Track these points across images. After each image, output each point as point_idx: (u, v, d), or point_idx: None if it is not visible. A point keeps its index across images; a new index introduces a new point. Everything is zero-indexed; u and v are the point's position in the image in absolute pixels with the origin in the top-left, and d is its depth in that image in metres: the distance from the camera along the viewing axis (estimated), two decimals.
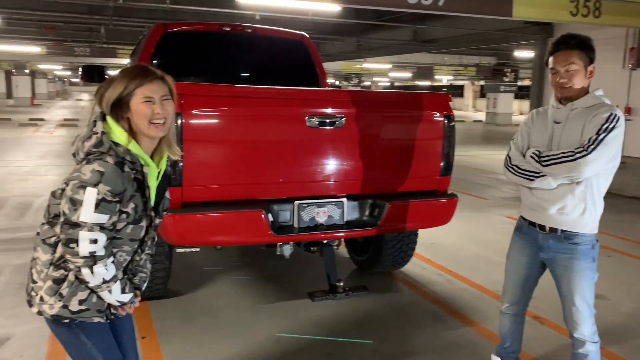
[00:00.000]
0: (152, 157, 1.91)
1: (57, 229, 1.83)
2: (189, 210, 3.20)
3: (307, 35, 5.65)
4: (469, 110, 42.20)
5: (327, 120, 3.47)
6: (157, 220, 2.03)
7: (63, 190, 1.80)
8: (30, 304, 1.91)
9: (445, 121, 3.84)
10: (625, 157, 8.11)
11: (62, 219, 1.78)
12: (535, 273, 2.78)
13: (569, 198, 2.52)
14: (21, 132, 17.54)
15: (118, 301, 1.90)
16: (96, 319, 1.91)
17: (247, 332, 3.67)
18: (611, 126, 2.42)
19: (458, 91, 43.75)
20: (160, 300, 4.08)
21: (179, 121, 3.10)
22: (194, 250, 3.61)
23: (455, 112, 3.93)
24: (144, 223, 1.91)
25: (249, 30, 5.36)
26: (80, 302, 1.85)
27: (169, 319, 3.75)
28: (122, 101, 1.80)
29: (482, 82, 35.23)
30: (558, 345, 3.56)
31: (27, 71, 34.06)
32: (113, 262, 1.83)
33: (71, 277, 1.84)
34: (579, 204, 2.53)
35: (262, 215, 3.32)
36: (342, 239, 4.37)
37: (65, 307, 1.85)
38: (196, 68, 5.15)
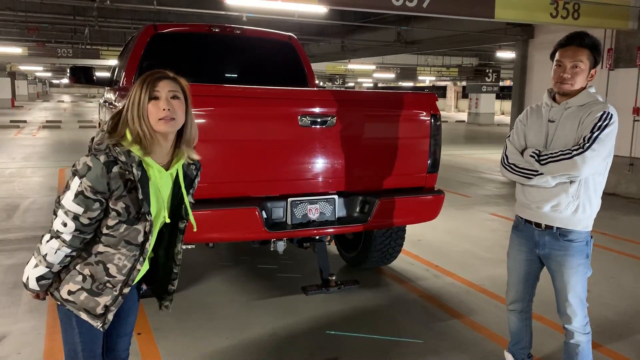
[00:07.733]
0: (171, 160, 1.97)
1: None
2: None
3: (295, 37, 5.74)
4: (451, 110, 42.61)
5: (319, 120, 3.57)
6: (182, 225, 2.09)
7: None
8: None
9: (432, 120, 3.95)
10: None
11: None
12: (535, 269, 2.84)
13: (563, 196, 2.57)
14: (3, 134, 17.34)
15: (30, 280, 1.91)
16: (84, 316, 1.94)
17: (243, 327, 3.75)
18: (605, 124, 2.46)
19: (441, 92, 44.17)
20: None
21: None
22: (189, 247, 3.67)
23: None
24: (140, 227, 1.91)
25: (238, 32, 5.42)
26: (69, 293, 1.94)
27: (164, 315, 3.80)
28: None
29: (464, 83, 35.64)
30: (558, 340, 3.67)
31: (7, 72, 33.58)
32: (68, 256, 1.88)
33: (71, 266, 1.93)
34: (572, 202, 2.57)
35: (257, 213, 3.40)
36: (333, 235, 4.46)
37: (57, 290, 1.96)
38: (186, 69, 5.14)
